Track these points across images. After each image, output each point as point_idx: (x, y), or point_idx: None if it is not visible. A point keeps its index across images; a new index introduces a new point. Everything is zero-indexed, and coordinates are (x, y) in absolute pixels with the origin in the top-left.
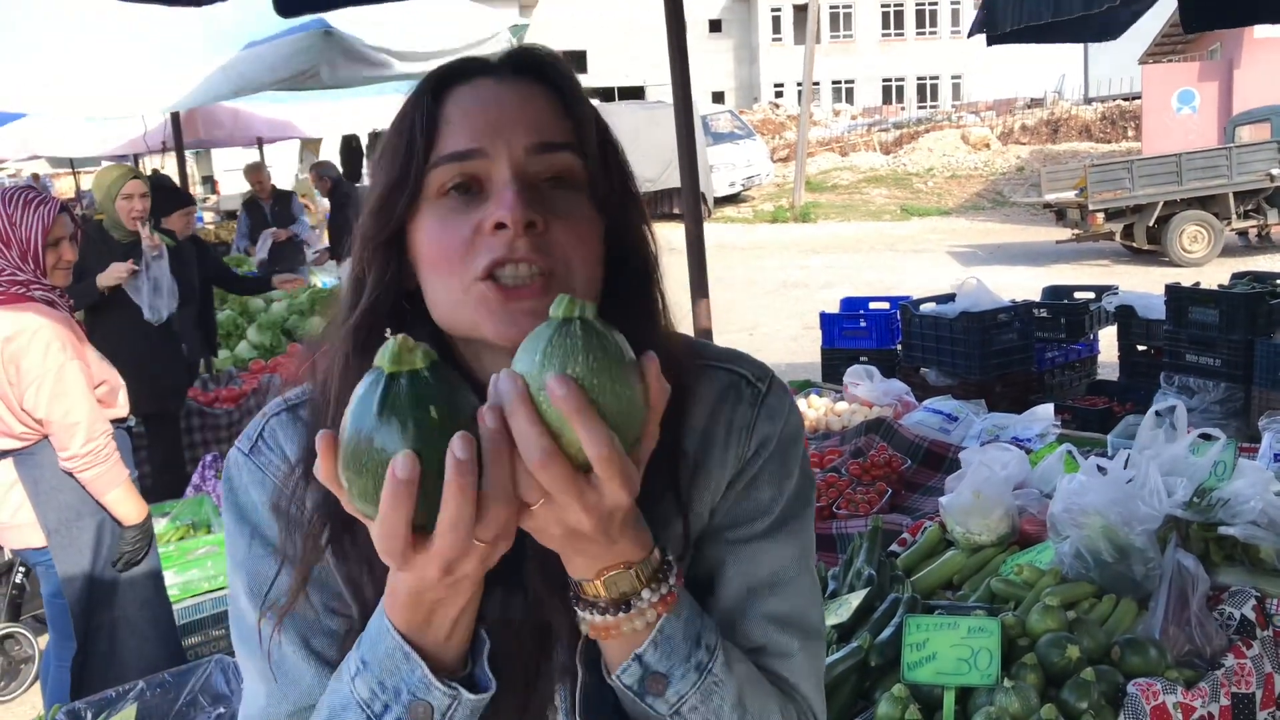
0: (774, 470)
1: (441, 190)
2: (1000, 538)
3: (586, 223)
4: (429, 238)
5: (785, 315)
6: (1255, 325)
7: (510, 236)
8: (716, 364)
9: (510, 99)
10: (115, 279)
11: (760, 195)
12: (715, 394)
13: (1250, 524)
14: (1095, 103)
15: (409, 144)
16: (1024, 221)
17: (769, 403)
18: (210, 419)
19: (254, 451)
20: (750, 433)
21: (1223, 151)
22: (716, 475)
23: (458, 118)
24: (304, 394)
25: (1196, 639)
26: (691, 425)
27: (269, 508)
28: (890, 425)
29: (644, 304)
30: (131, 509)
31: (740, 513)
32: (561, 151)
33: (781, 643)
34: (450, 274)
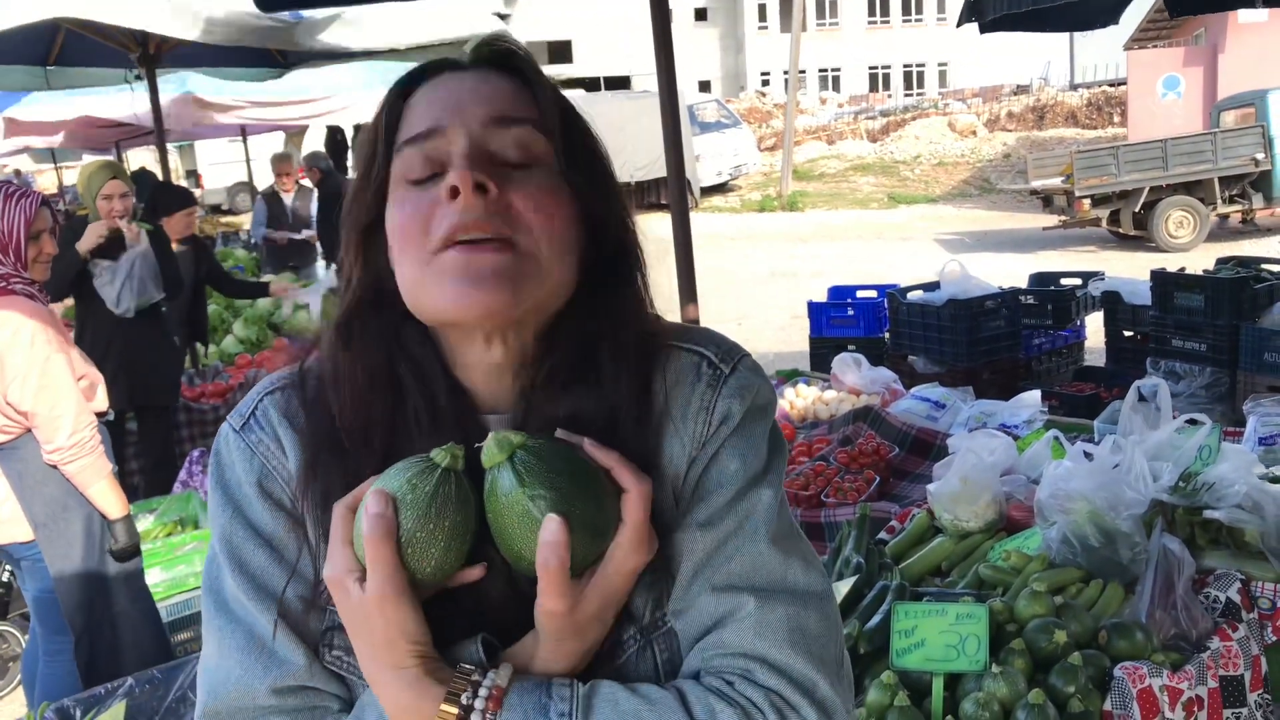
0: (736, 443)
1: (405, 180)
2: (988, 524)
3: (549, 195)
4: (394, 220)
5: (773, 304)
6: (1240, 310)
7: (463, 202)
8: (681, 345)
9: (469, 84)
10: (95, 241)
11: (747, 184)
12: (674, 375)
13: (1235, 507)
14: (1081, 89)
15: (375, 139)
16: (1011, 208)
17: (731, 383)
18: (196, 414)
19: (245, 429)
20: (710, 413)
21: (1208, 137)
22: (675, 456)
23: (419, 108)
24: (293, 373)
25: (1182, 622)
26: (657, 405)
27: (254, 486)
28: (878, 413)
29: (625, 290)
30: (115, 502)
31: (700, 492)
32: (520, 125)
33: (731, 604)
34: (413, 251)
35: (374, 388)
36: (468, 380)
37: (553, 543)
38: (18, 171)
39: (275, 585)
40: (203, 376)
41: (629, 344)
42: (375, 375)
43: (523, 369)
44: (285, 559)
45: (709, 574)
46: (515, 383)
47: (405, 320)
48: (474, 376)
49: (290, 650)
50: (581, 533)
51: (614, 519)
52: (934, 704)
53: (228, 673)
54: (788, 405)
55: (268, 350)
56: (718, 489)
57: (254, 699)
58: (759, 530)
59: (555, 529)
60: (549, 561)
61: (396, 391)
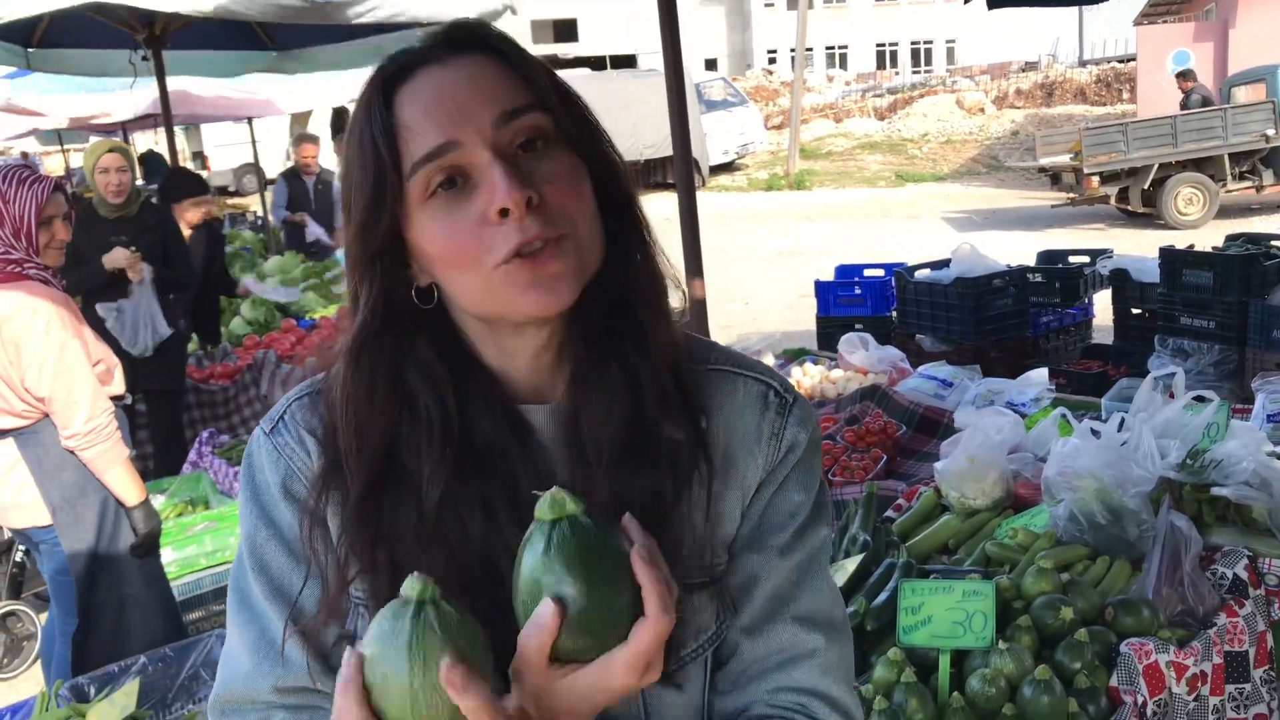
0: (801, 475)
1: (426, 194)
2: (995, 502)
3: (575, 175)
4: (436, 240)
5: (781, 284)
6: (1249, 287)
7: (517, 220)
8: (746, 373)
9: (461, 80)
10: (119, 263)
11: (754, 163)
12: (748, 401)
13: (1242, 484)
14: (1090, 65)
15: (375, 159)
16: (1019, 186)
17: (796, 412)
18: (206, 395)
19: (274, 432)
20: (780, 439)
21: (1217, 113)
22: (748, 478)
23: (415, 119)
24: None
25: (1189, 599)
26: (720, 430)
27: (280, 488)
28: (885, 392)
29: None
30: (132, 488)
31: (772, 517)
32: (526, 113)
33: (807, 642)
34: (471, 269)
35: (380, 405)
36: (507, 366)
37: (540, 625)
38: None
39: (292, 588)
40: (211, 358)
41: (651, 294)
42: (381, 392)
43: (562, 341)
44: (304, 562)
45: (790, 605)
46: (559, 358)
47: (420, 329)
48: (516, 362)
49: (298, 652)
50: (577, 632)
51: (622, 631)
52: (940, 680)
53: (239, 666)
54: (795, 384)
55: (275, 331)
56: (790, 519)
57: (258, 694)
58: (823, 565)
59: (549, 614)
60: (528, 640)
61: (406, 403)
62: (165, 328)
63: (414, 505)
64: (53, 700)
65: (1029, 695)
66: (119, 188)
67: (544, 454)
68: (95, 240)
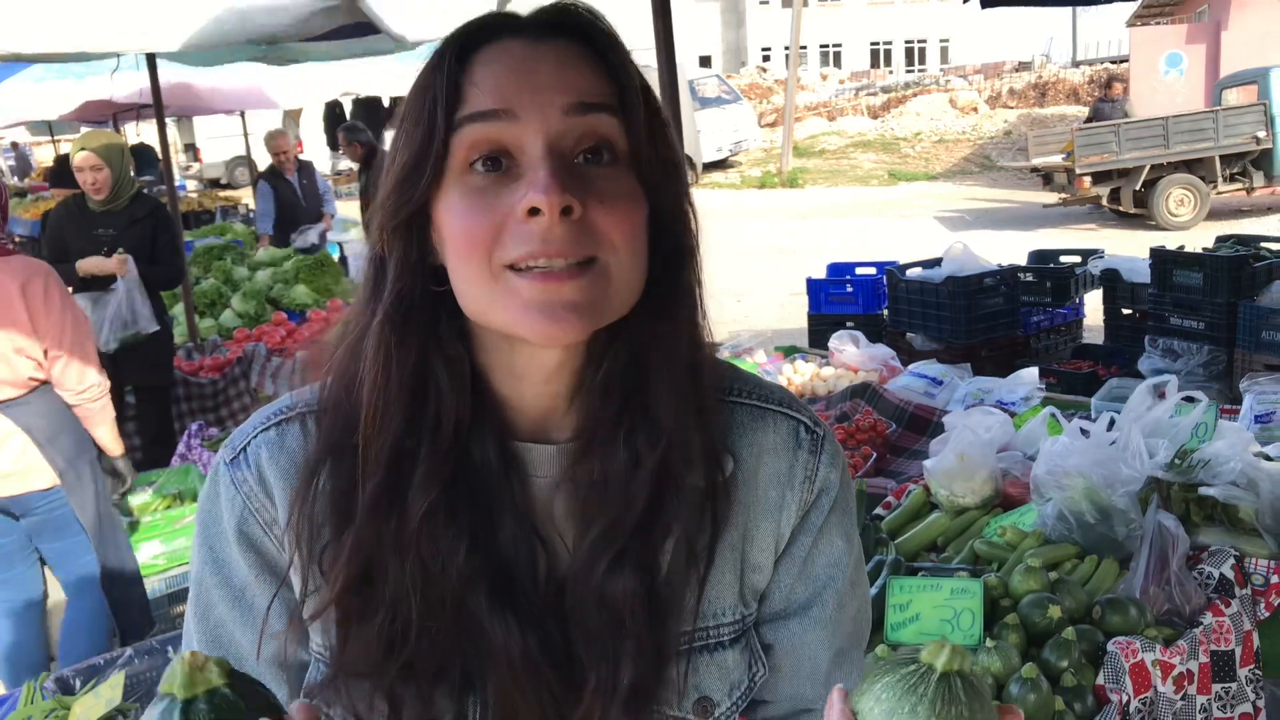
0: (840, 519)
1: (467, 164)
2: (984, 500)
3: (630, 202)
4: (454, 220)
5: (774, 281)
6: (1239, 288)
7: (545, 225)
8: (774, 408)
9: (545, 58)
10: (94, 270)
11: (748, 161)
12: (778, 440)
13: (1230, 484)
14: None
15: (430, 111)
16: (1011, 186)
17: (826, 448)
18: (195, 388)
19: (234, 464)
20: (813, 482)
21: (1209, 114)
22: (782, 525)
23: (484, 79)
24: (308, 402)
25: (1176, 598)
26: (749, 473)
27: (234, 530)
28: (875, 390)
29: (681, 300)
30: (118, 440)
31: (813, 571)
32: (601, 113)
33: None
34: (478, 263)
35: (403, 395)
36: (514, 392)
37: None
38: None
39: (234, 643)
40: (201, 351)
41: (680, 354)
42: (406, 379)
43: (577, 378)
44: (254, 611)
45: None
46: (570, 392)
47: (445, 313)
48: (523, 388)
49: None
50: None
51: None
52: None
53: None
54: (785, 381)
55: (266, 324)
56: (831, 577)
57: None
58: (866, 590)
59: None
60: None
61: (422, 402)
62: (149, 324)
63: (398, 510)
64: (37, 692)
65: (1016, 693)
66: (95, 186)
67: (540, 500)
68: (82, 232)
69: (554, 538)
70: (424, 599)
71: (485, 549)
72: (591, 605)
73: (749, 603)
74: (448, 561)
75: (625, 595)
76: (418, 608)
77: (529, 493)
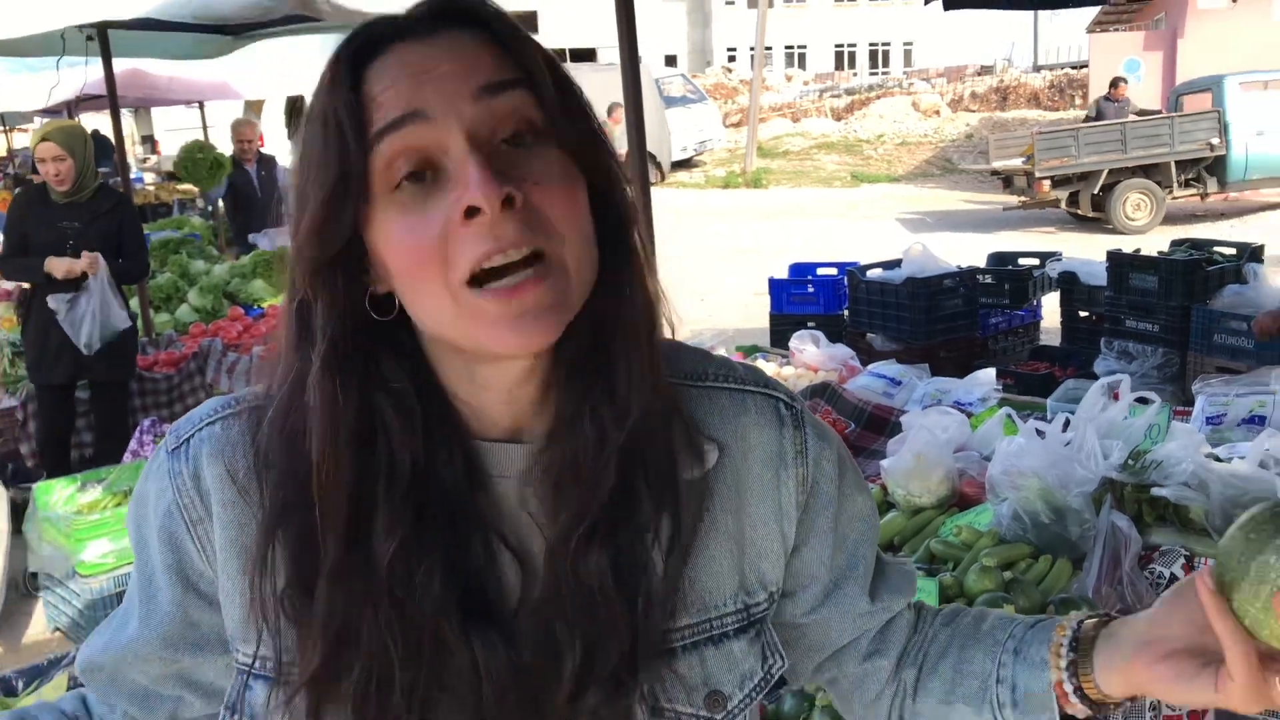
0: (852, 480)
1: (392, 183)
2: (940, 500)
3: (566, 177)
4: (394, 244)
5: (736, 281)
6: (1192, 291)
7: (490, 221)
8: (751, 389)
9: (439, 52)
10: (62, 273)
11: (712, 160)
12: (762, 420)
13: (1181, 485)
14: (1044, 71)
15: (338, 138)
16: (972, 189)
17: (808, 421)
18: (149, 383)
19: (174, 454)
20: (805, 455)
21: (1165, 121)
22: (784, 504)
23: (383, 91)
24: (259, 395)
25: (1128, 597)
26: (738, 457)
27: (158, 530)
28: (835, 389)
29: (631, 267)
30: None
31: (847, 534)
32: (511, 90)
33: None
34: (432, 282)
35: (351, 445)
36: (479, 401)
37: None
38: None
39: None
40: (156, 345)
41: (640, 325)
42: (351, 428)
43: (546, 377)
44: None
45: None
46: (541, 393)
47: (383, 346)
48: (489, 396)
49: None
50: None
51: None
52: None
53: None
54: None
55: (223, 319)
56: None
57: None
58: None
59: None
60: None
61: (370, 442)
62: (123, 321)
63: (363, 561)
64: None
65: None
66: (58, 176)
67: (510, 500)
68: (45, 225)
69: (528, 537)
70: (404, 643)
71: (458, 572)
72: (565, 585)
73: (753, 591)
74: (422, 596)
75: (596, 573)
76: (397, 656)
77: (497, 495)
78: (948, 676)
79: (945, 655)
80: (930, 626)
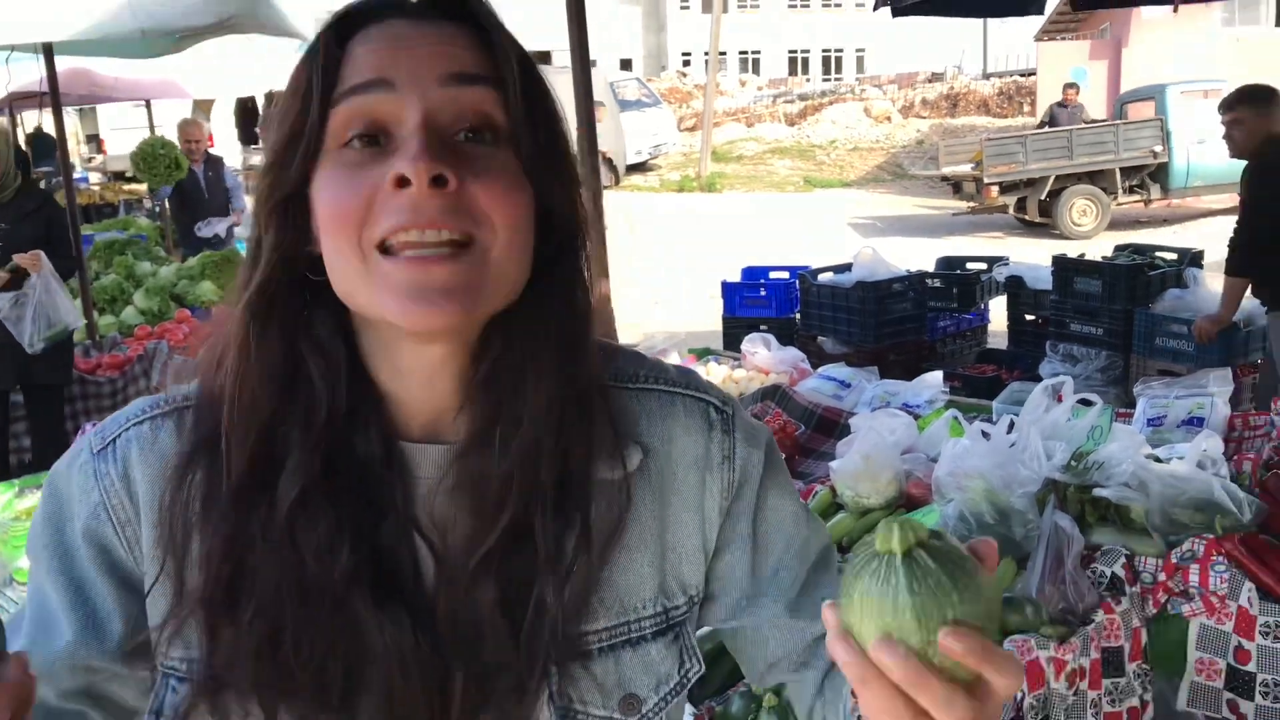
0: (777, 486)
1: (343, 141)
2: (888, 501)
3: (512, 183)
4: (325, 197)
5: (690, 284)
6: (1135, 295)
7: (415, 195)
8: (681, 391)
9: (424, 33)
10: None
11: (667, 164)
12: (690, 423)
13: (1122, 486)
14: (993, 78)
15: (305, 90)
16: (922, 194)
17: (739, 425)
18: (92, 387)
19: (100, 455)
20: (732, 460)
21: (1110, 128)
22: (705, 506)
23: (362, 55)
24: (187, 396)
25: (1070, 597)
26: (662, 460)
27: (82, 532)
28: (785, 392)
29: (565, 295)
30: None
31: (771, 538)
32: (478, 85)
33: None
34: (346, 240)
35: (270, 384)
36: (399, 388)
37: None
38: None
39: (57, 628)
40: (100, 348)
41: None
42: (274, 369)
43: (464, 376)
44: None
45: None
46: (457, 389)
47: (319, 303)
48: (409, 383)
49: None
50: None
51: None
52: None
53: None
54: None
55: (169, 322)
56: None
57: None
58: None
59: None
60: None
61: (292, 392)
62: (76, 319)
63: (267, 500)
64: None
65: None
66: None
67: (423, 501)
68: None
69: (437, 541)
70: (300, 597)
71: (368, 544)
72: (457, 612)
73: (673, 594)
74: (327, 557)
75: (486, 605)
76: (292, 607)
77: (414, 493)
78: None
79: None
80: None
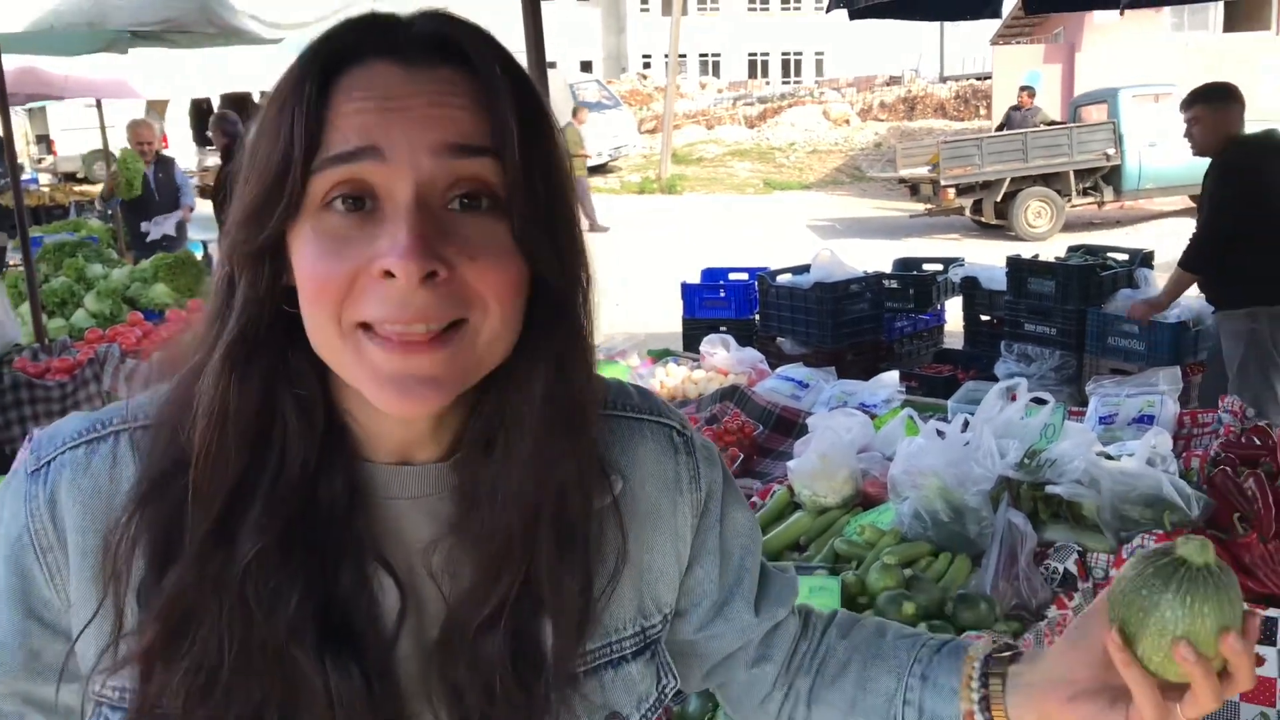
0: (733, 498)
1: (325, 199)
2: (845, 499)
3: (506, 257)
4: (305, 263)
5: (650, 285)
6: (1088, 295)
7: (404, 290)
8: (647, 417)
9: (418, 90)
10: None
11: (627, 166)
12: (658, 448)
13: (1074, 483)
14: (950, 81)
15: (287, 146)
16: (880, 196)
17: (697, 444)
18: (40, 391)
19: (33, 476)
20: (698, 481)
21: (1064, 131)
22: (680, 529)
23: (349, 116)
24: (128, 419)
25: (1024, 592)
26: (637, 485)
27: (6, 554)
28: (744, 392)
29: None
30: None
31: (733, 551)
32: (475, 156)
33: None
34: (326, 315)
35: (243, 440)
36: (368, 419)
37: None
38: None
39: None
40: (49, 352)
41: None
42: (249, 425)
43: (444, 415)
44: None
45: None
46: (433, 425)
47: (295, 343)
48: (380, 418)
49: None
50: None
51: None
52: None
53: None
54: (658, 385)
55: (121, 325)
56: (748, 535)
57: None
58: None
59: None
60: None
61: (265, 441)
62: (15, 332)
63: (224, 552)
64: None
65: None
66: None
67: (393, 522)
68: None
69: (413, 557)
70: (240, 646)
71: (320, 594)
72: (461, 665)
73: (649, 614)
74: (274, 609)
75: (495, 658)
76: (229, 656)
77: (382, 516)
78: (849, 692)
79: (846, 670)
80: (822, 635)
